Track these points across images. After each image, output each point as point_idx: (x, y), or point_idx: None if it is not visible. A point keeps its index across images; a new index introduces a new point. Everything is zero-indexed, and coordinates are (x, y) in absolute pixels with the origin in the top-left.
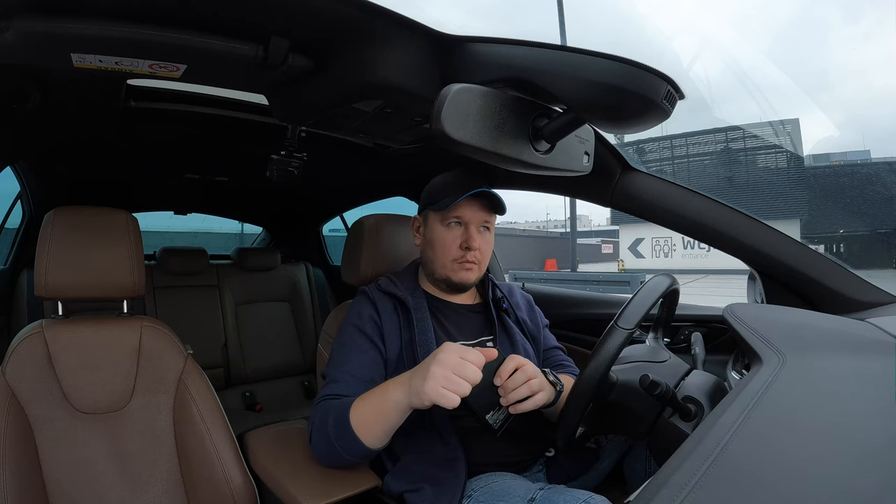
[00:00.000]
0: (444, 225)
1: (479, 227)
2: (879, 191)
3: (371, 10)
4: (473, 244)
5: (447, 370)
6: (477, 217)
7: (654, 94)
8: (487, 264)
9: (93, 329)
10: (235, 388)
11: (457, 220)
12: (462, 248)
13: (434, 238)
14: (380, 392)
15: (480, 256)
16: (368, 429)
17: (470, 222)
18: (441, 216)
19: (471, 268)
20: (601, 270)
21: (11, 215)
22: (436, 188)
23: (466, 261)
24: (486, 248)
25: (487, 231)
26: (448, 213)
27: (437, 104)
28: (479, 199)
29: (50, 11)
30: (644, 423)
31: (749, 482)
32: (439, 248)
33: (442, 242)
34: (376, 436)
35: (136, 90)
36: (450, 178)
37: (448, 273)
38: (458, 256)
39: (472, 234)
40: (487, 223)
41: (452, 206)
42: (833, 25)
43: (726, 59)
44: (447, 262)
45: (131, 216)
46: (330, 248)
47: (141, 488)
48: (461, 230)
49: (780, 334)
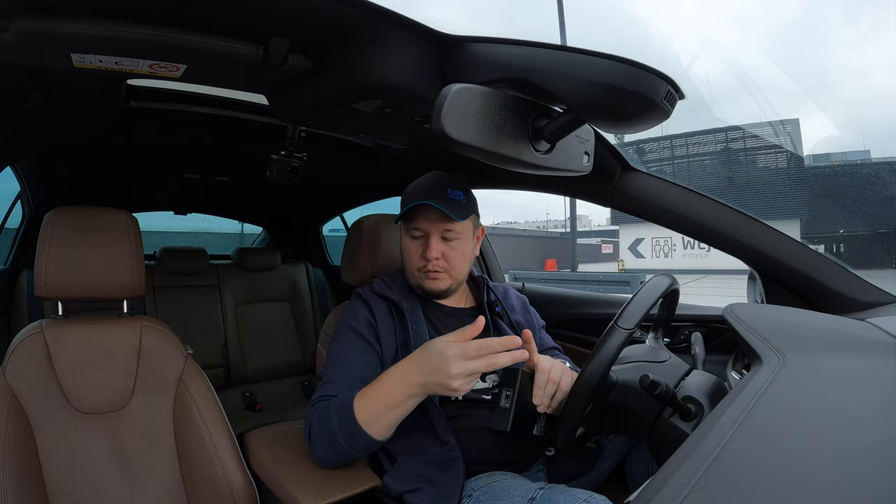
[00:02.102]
0: (408, 235)
1: (440, 235)
2: (879, 191)
3: (371, 9)
4: (430, 254)
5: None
6: (435, 227)
7: (654, 94)
8: (465, 269)
9: (93, 329)
10: (235, 388)
11: (417, 231)
12: (423, 258)
13: (402, 247)
14: (387, 384)
15: (446, 265)
16: (378, 422)
17: (429, 232)
18: (404, 226)
19: (436, 276)
20: (601, 270)
21: (11, 215)
22: (404, 195)
23: (429, 270)
24: (454, 255)
25: (456, 239)
26: (409, 223)
27: (437, 104)
28: (434, 208)
29: (50, 11)
30: (644, 423)
31: (749, 482)
32: (406, 258)
33: (407, 252)
34: (387, 428)
35: (136, 90)
36: (416, 184)
37: (418, 281)
38: (421, 266)
39: (431, 244)
40: (450, 230)
41: (408, 216)
42: (833, 26)
43: (727, 60)
44: (414, 272)
45: (131, 216)
46: (330, 248)
47: (141, 488)
48: (423, 240)
49: (780, 334)
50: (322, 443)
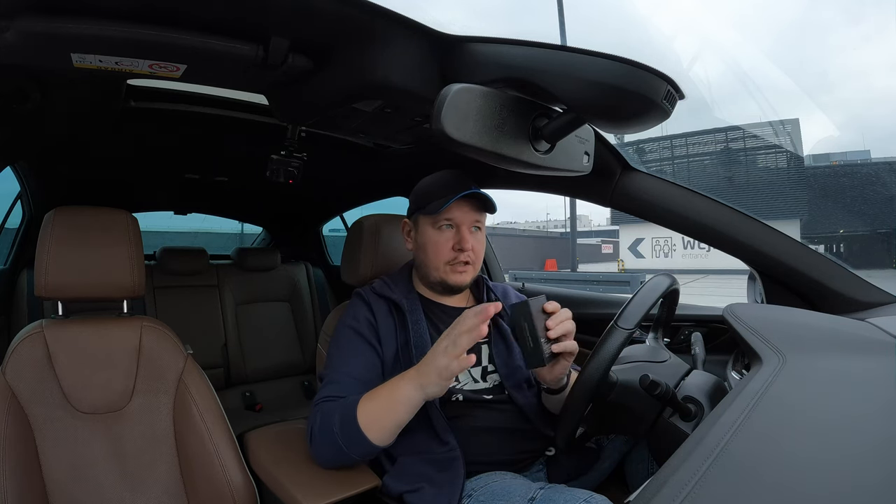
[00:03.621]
0: (436, 228)
1: (471, 227)
2: (879, 191)
3: (371, 9)
4: (466, 245)
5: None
6: (468, 218)
7: (654, 94)
8: (481, 264)
9: (93, 329)
10: (235, 388)
11: (448, 222)
12: (455, 249)
13: (426, 242)
14: (388, 389)
15: (474, 257)
16: (378, 426)
17: (461, 223)
18: (432, 219)
19: (465, 269)
20: (601, 270)
21: (11, 215)
22: (423, 191)
23: (460, 262)
24: (479, 247)
25: (479, 231)
26: (439, 216)
27: (437, 104)
28: (469, 200)
29: (50, 11)
30: (644, 423)
31: (749, 482)
32: (432, 252)
33: (434, 245)
34: (386, 433)
35: (136, 90)
36: (437, 180)
37: (443, 276)
38: (451, 259)
39: (465, 235)
40: (478, 223)
41: (444, 208)
42: (834, 27)
43: (727, 60)
44: (441, 265)
45: (131, 216)
46: (330, 248)
47: (141, 488)
48: (453, 232)
49: (780, 334)
50: (323, 443)
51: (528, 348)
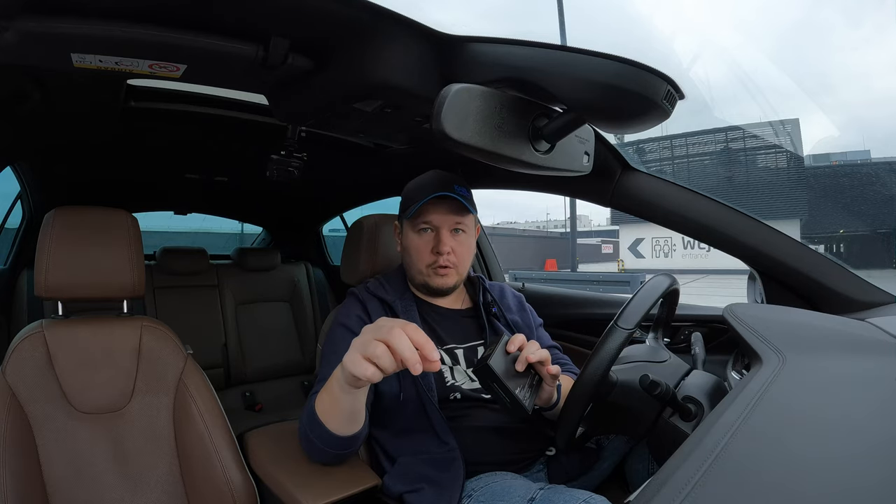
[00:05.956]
0: (416, 231)
1: (451, 230)
2: (879, 191)
3: (371, 10)
4: (443, 248)
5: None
6: (447, 220)
7: (654, 94)
8: (468, 266)
9: (93, 329)
10: (235, 388)
11: (426, 225)
12: (434, 252)
13: (408, 245)
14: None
15: (455, 259)
16: (330, 413)
17: (440, 226)
18: (411, 223)
19: (446, 273)
20: (601, 270)
21: (11, 215)
22: (407, 194)
23: (440, 266)
24: (462, 249)
25: (462, 233)
26: (417, 219)
27: (437, 104)
28: (447, 201)
29: (50, 11)
30: (644, 423)
31: (749, 482)
32: (414, 255)
33: (415, 249)
34: (338, 420)
35: (136, 90)
36: (418, 181)
37: (425, 279)
38: (431, 262)
39: (443, 238)
40: (460, 224)
41: (418, 211)
42: (835, 29)
43: (728, 61)
44: (423, 269)
45: (131, 216)
46: (330, 248)
47: (141, 488)
48: (433, 235)
49: (780, 334)
50: (301, 438)
51: (507, 407)
